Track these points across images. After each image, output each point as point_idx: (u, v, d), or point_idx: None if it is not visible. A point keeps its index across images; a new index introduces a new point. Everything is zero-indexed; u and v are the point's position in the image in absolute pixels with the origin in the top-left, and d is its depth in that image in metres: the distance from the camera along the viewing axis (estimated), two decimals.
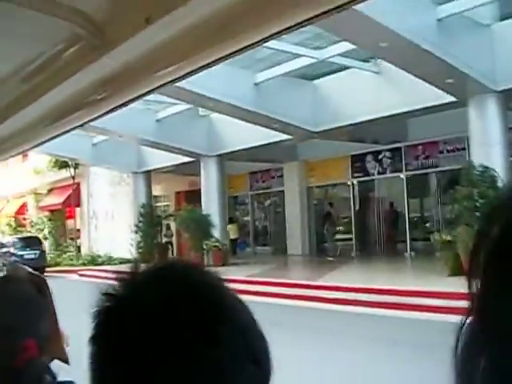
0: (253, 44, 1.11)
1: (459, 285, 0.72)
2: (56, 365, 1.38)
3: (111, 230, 26.52)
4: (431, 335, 7.39)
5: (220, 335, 0.66)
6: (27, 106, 1.71)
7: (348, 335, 8.94)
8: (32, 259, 23.30)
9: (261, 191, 24.82)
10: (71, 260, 25.70)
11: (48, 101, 1.65)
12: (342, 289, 12.13)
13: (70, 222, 30.67)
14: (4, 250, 24.41)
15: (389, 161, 19.91)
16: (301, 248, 22.18)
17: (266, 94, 15.17)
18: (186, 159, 21.32)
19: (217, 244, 19.04)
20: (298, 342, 8.28)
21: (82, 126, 1.83)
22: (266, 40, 1.09)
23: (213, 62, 1.22)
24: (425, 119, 16.65)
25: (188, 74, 1.31)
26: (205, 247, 19.29)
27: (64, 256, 26.45)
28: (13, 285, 1.37)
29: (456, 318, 0.50)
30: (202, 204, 20.30)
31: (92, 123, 2.04)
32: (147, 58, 1.27)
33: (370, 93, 14.89)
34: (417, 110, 14.02)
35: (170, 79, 1.36)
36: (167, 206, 27.60)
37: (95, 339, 0.69)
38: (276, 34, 1.06)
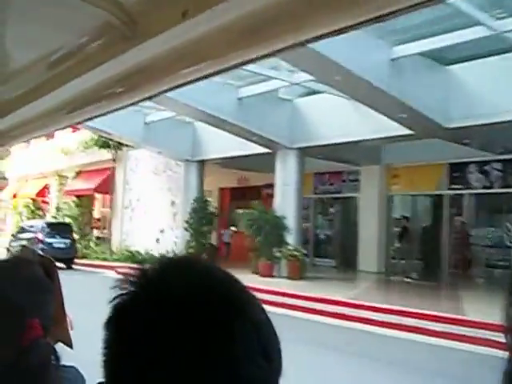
0: (288, 47, 1.06)
1: None
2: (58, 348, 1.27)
3: (149, 224, 23.39)
4: None
5: (235, 330, 0.65)
6: (49, 93, 1.69)
7: None
8: (61, 249, 20.41)
9: (327, 195, 21.73)
10: (103, 253, 22.51)
11: (70, 89, 1.62)
12: None
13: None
14: (30, 235, 21.29)
15: (500, 174, 16.94)
16: (376, 264, 19.13)
17: (401, 73, 12.15)
18: (251, 150, 18.25)
19: (295, 253, 15.96)
20: None
21: (103, 115, 1.77)
22: (303, 44, 1.04)
23: (244, 62, 1.17)
24: None
25: (216, 72, 1.24)
26: (278, 255, 16.21)
27: (94, 248, 23.21)
28: (21, 265, 1.38)
29: None
30: (276, 204, 17.21)
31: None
32: (177, 54, 1.22)
33: None
34: None
35: (194, 77, 1.29)
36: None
37: (110, 323, 0.69)
38: (314, 38, 1.01)
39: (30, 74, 1.70)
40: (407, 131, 14.02)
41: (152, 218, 23.19)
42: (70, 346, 1.44)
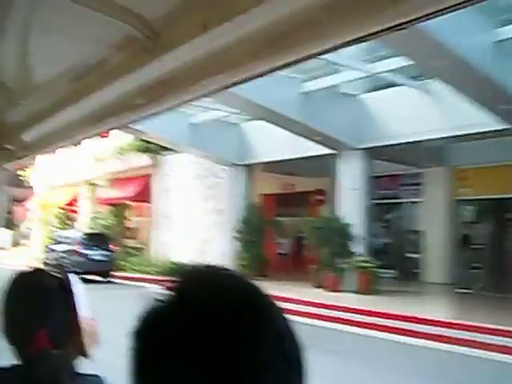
0: (308, 57, 1.06)
1: None
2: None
3: (190, 234, 21.89)
4: None
5: (259, 337, 0.67)
6: (73, 105, 1.70)
7: None
8: (100, 261, 18.95)
9: (384, 201, 20.11)
10: (140, 265, 20.98)
11: (93, 101, 1.63)
12: None
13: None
14: (65, 247, 19.88)
15: None
16: (443, 275, 17.51)
17: (506, 58, 10.59)
18: (306, 152, 16.73)
19: (366, 264, 14.40)
20: None
21: (125, 126, 1.06)
22: (322, 53, 1.04)
23: (264, 72, 1.18)
24: None
25: (237, 83, 1.26)
26: (345, 266, 14.66)
27: (133, 259, 21.68)
28: (34, 277, 1.39)
29: None
30: (341, 211, 15.64)
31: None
32: (198, 65, 1.24)
33: None
34: None
35: (215, 88, 1.32)
36: None
37: (137, 334, 0.70)
38: (335, 47, 1.00)
39: (54, 87, 1.72)
40: (502, 126, 12.39)
41: (194, 227, 21.68)
42: (85, 357, 1.41)
